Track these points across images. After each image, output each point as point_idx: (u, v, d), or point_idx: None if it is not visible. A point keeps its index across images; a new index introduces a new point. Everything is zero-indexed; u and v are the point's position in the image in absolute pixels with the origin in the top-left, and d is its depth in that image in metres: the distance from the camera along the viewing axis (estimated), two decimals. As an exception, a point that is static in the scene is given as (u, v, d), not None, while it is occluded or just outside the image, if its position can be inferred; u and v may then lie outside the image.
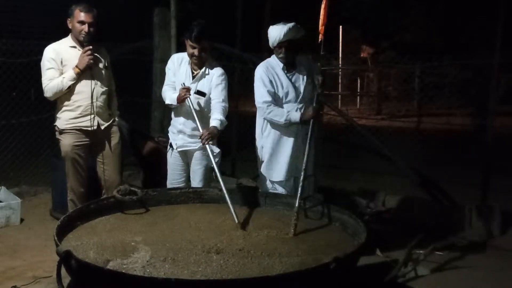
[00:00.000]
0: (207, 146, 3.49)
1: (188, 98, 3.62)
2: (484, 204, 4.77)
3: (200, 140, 3.55)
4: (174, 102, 3.74)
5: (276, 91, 3.74)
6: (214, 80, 3.75)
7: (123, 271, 2.26)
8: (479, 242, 4.36)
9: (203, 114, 3.76)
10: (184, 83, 3.72)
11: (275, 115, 3.71)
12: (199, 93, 3.74)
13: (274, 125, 3.78)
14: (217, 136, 3.66)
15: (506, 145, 5.70)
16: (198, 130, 3.60)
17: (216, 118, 3.63)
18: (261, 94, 3.74)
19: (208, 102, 3.78)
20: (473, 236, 4.50)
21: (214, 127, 3.57)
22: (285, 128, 3.74)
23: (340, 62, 13.71)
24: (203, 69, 3.78)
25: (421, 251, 3.86)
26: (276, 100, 3.74)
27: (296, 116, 3.66)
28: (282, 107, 3.74)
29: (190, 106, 3.62)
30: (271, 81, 3.73)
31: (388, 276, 3.50)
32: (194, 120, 3.62)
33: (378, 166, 6.16)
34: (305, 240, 2.78)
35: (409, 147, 6.81)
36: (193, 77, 3.80)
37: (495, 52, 4.79)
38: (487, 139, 4.91)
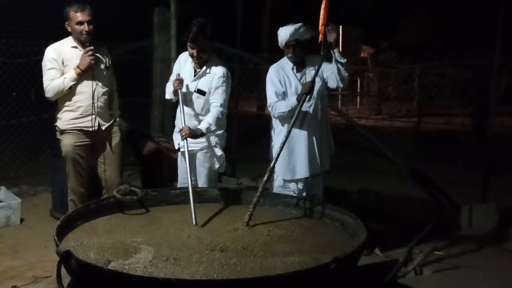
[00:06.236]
0: (213, 148, 3.70)
1: (179, 92, 3.64)
2: (484, 204, 4.77)
3: (199, 141, 3.65)
4: (171, 96, 3.80)
5: (286, 91, 3.77)
6: (214, 81, 3.71)
7: (125, 271, 2.26)
8: (479, 242, 4.36)
9: (201, 114, 3.78)
10: (179, 74, 3.76)
11: (279, 108, 3.73)
12: (199, 91, 3.75)
13: (284, 123, 3.77)
14: (198, 137, 3.65)
15: (506, 145, 5.70)
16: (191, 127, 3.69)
17: (206, 121, 3.65)
18: (269, 95, 3.80)
19: (208, 103, 3.76)
20: (473, 236, 4.50)
21: (199, 129, 3.62)
22: (298, 126, 3.69)
23: (340, 62, 13.69)
24: (204, 68, 3.75)
25: (421, 251, 3.86)
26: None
27: (293, 99, 3.65)
28: None
29: (179, 100, 3.66)
30: (280, 81, 3.78)
31: (388, 276, 3.50)
32: (182, 115, 3.65)
33: (378, 166, 6.16)
34: (305, 240, 2.77)
35: (409, 147, 6.82)
36: (195, 75, 3.78)
37: (495, 52, 4.79)
38: (487, 139, 4.91)
